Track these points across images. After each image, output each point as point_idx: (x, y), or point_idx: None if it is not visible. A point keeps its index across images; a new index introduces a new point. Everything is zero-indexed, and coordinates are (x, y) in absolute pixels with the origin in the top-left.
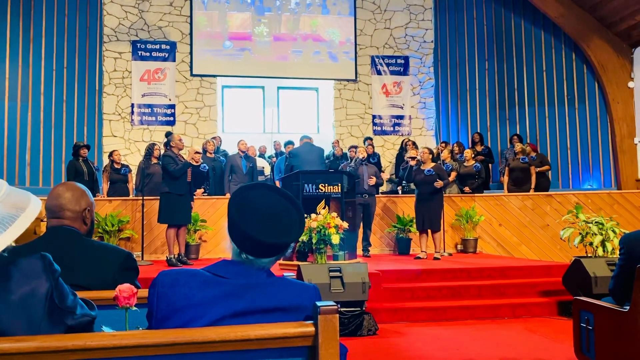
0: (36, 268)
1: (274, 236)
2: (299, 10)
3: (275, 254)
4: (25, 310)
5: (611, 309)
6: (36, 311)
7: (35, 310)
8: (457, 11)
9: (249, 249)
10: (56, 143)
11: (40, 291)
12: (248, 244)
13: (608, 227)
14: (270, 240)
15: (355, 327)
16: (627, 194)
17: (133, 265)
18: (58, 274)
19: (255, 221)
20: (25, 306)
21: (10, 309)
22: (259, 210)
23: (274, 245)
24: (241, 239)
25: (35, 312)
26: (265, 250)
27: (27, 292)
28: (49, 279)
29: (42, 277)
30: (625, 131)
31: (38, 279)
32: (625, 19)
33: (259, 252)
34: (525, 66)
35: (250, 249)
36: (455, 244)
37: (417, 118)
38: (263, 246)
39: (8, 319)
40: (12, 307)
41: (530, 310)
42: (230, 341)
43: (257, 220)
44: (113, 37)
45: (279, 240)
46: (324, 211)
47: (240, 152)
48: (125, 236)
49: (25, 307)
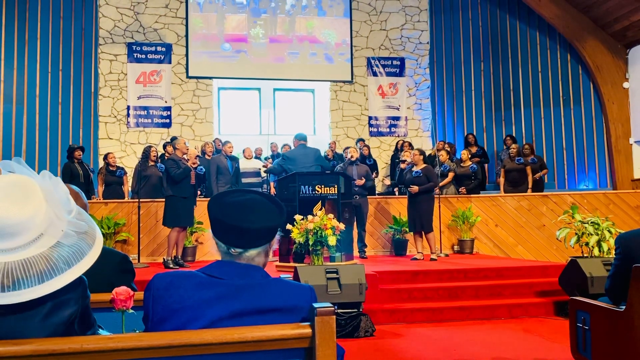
0: (71, 286)
1: (254, 222)
2: (294, 12)
3: (260, 242)
4: (46, 324)
5: (607, 309)
6: (56, 329)
7: (56, 328)
8: (452, 12)
9: (233, 240)
10: (52, 145)
11: (65, 312)
12: (231, 234)
13: (604, 227)
14: (251, 226)
15: (352, 328)
16: (623, 194)
17: (129, 267)
18: (88, 301)
19: (235, 212)
20: (48, 320)
21: (35, 321)
22: (236, 204)
23: (255, 230)
24: (224, 231)
25: (55, 329)
26: (250, 238)
27: (53, 308)
28: (78, 303)
29: (72, 298)
30: (620, 131)
31: (68, 298)
32: (620, 20)
33: (243, 240)
34: (521, 67)
35: (234, 239)
36: (451, 245)
37: (413, 119)
38: (246, 233)
39: (30, 330)
40: (37, 320)
41: (526, 310)
42: (227, 343)
43: (236, 211)
44: (108, 39)
45: (260, 224)
46: (321, 212)
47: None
48: (121, 239)
49: (47, 321)
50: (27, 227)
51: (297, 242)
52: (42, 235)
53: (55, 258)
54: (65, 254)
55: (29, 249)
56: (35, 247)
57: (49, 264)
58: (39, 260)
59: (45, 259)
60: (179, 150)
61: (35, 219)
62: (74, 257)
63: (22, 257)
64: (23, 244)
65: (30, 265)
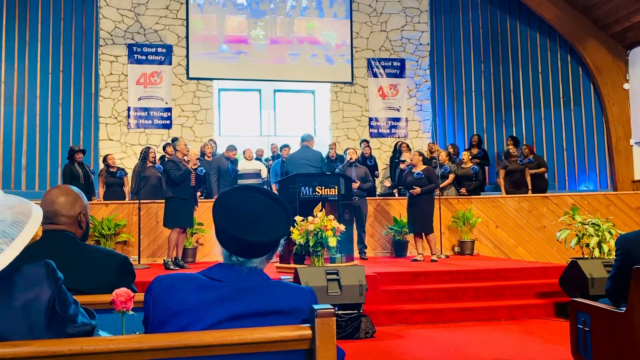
0: (39, 275)
1: (260, 234)
2: (294, 14)
3: (264, 252)
4: (27, 317)
5: (608, 310)
6: (38, 318)
7: (37, 318)
8: (452, 13)
9: (237, 251)
10: (52, 147)
11: (43, 298)
12: (235, 245)
13: (604, 228)
14: (257, 239)
15: (353, 330)
16: (623, 195)
17: (129, 269)
18: (61, 282)
19: (240, 222)
20: (27, 313)
21: (13, 315)
22: (242, 212)
23: (260, 244)
24: (228, 242)
25: (37, 319)
26: (253, 249)
27: (29, 299)
28: (52, 287)
29: (44, 284)
30: (621, 132)
31: (41, 286)
32: (620, 21)
33: (247, 252)
34: (521, 68)
35: (238, 250)
36: (452, 246)
37: (413, 120)
38: (250, 246)
39: (10, 325)
40: (15, 314)
41: (527, 311)
42: (227, 345)
43: (241, 221)
44: (109, 40)
45: (266, 238)
46: (321, 214)
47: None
48: (121, 240)
49: (27, 314)
50: None
51: (297, 243)
52: None
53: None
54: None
55: None
56: None
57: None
58: None
59: None
60: (179, 151)
61: None
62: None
63: None
64: None
65: None
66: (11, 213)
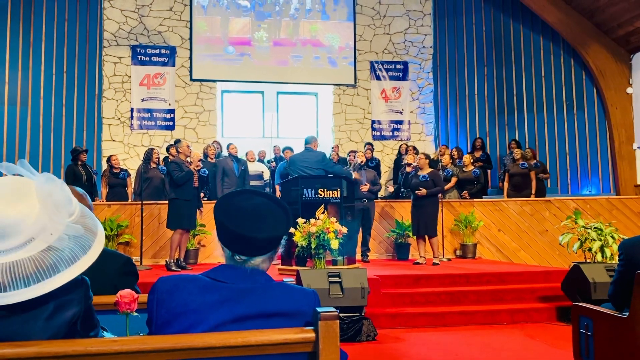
0: (72, 289)
1: (261, 231)
2: (298, 16)
3: (265, 250)
4: (51, 327)
5: (610, 315)
6: (59, 330)
7: (59, 330)
8: (456, 17)
9: (238, 248)
10: (55, 147)
11: (68, 313)
12: (237, 243)
13: (607, 232)
14: (258, 235)
15: (355, 332)
16: (626, 200)
17: (132, 270)
18: (90, 301)
19: (241, 220)
20: (51, 322)
21: (40, 324)
22: (244, 210)
23: (262, 240)
24: (230, 239)
25: (58, 330)
26: (255, 246)
27: (57, 308)
28: (80, 304)
29: (74, 300)
30: (624, 137)
31: (70, 300)
32: (624, 25)
33: (248, 249)
34: (524, 72)
35: (240, 247)
36: (454, 250)
37: (416, 123)
38: (252, 242)
39: (35, 331)
40: (41, 323)
41: (529, 315)
42: (230, 347)
43: (242, 219)
44: (113, 41)
45: (266, 234)
46: (323, 216)
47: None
48: (124, 241)
49: (51, 324)
50: (18, 229)
51: (299, 245)
52: (33, 239)
53: (45, 262)
54: (55, 259)
55: (19, 252)
56: (24, 250)
57: (37, 267)
58: (27, 264)
59: (34, 262)
60: (181, 153)
61: (26, 221)
62: (65, 262)
63: (11, 260)
64: (13, 247)
65: (18, 268)
66: (83, 223)
